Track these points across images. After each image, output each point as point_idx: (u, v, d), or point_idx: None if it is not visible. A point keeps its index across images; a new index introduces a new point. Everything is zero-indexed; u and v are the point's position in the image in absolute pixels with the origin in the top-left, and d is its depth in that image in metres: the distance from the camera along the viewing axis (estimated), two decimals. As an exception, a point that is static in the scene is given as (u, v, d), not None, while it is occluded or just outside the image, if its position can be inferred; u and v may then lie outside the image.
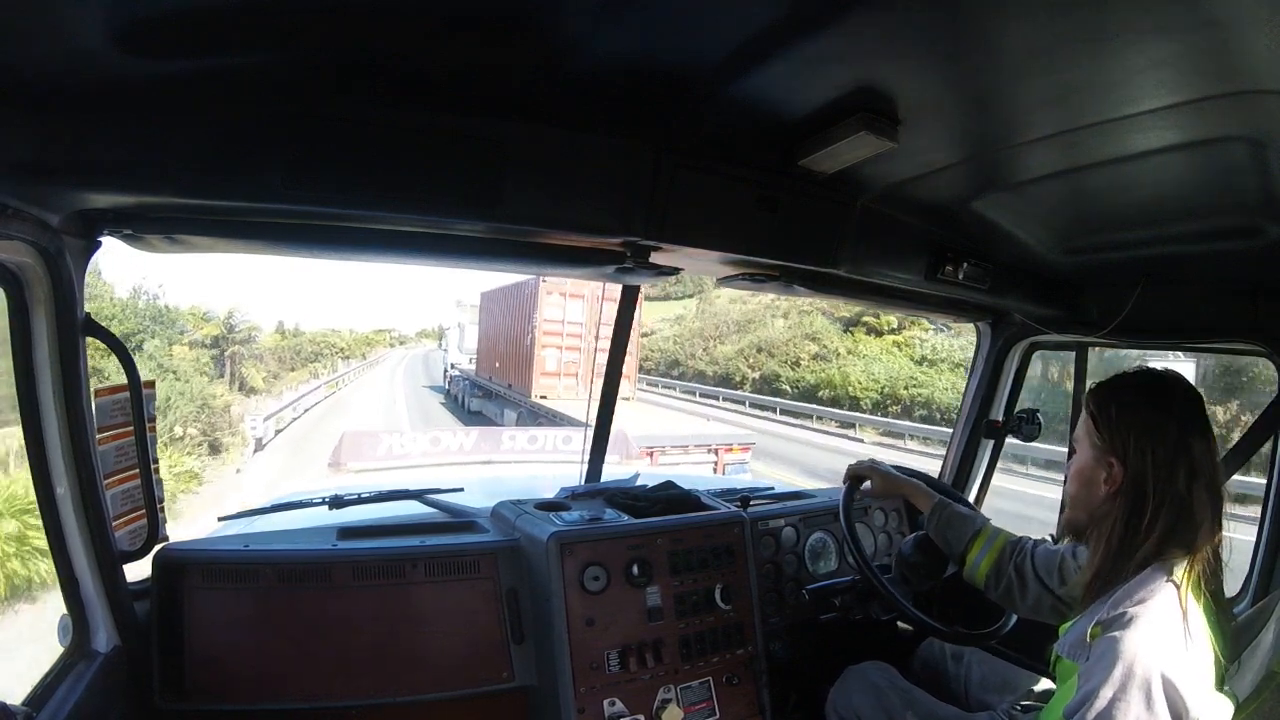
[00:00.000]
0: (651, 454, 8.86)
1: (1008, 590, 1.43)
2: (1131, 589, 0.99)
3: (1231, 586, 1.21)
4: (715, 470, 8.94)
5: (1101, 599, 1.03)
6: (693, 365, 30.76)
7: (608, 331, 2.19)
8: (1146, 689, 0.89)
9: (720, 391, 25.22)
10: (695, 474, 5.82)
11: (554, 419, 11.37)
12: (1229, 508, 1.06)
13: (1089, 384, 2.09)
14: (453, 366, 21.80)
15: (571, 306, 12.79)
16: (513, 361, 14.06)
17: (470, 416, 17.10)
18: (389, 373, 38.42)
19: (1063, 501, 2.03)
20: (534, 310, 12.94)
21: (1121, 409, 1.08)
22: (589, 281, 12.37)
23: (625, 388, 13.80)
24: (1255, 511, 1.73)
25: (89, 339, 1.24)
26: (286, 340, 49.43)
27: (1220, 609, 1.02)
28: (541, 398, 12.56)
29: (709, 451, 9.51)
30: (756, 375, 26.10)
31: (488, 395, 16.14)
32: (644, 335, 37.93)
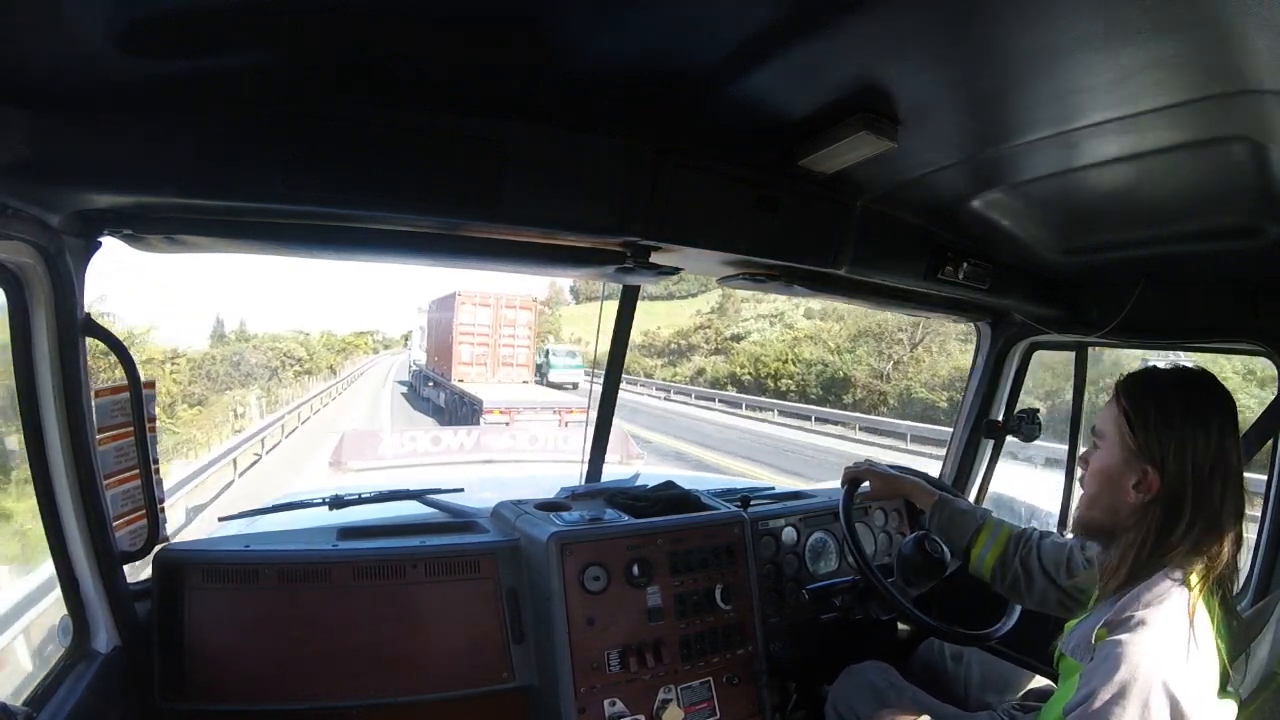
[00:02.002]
0: (509, 412, 12.52)
1: (1014, 584, 1.43)
2: (1140, 592, 0.96)
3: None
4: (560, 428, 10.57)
5: (1109, 600, 1.01)
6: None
7: (509, 332, 2.23)
8: (1145, 699, 0.88)
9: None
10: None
11: (463, 395, 15.23)
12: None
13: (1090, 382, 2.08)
14: (415, 363, 25.54)
15: (480, 313, 16.65)
16: (443, 355, 17.93)
17: (423, 402, 21.01)
18: (371, 401, 24.26)
19: (1065, 496, 2.01)
20: (454, 315, 16.81)
21: (1162, 413, 1.00)
22: (495, 291, 16.56)
23: (524, 374, 16.38)
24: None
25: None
26: (224, 348, 34.15)
27: (1229, 614, 1.00)
28: (460, 381, 16.28)
29: (555, 413, 12.57)
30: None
31: (435, 384, 19.54)
32: (734, 339, 34.32)
